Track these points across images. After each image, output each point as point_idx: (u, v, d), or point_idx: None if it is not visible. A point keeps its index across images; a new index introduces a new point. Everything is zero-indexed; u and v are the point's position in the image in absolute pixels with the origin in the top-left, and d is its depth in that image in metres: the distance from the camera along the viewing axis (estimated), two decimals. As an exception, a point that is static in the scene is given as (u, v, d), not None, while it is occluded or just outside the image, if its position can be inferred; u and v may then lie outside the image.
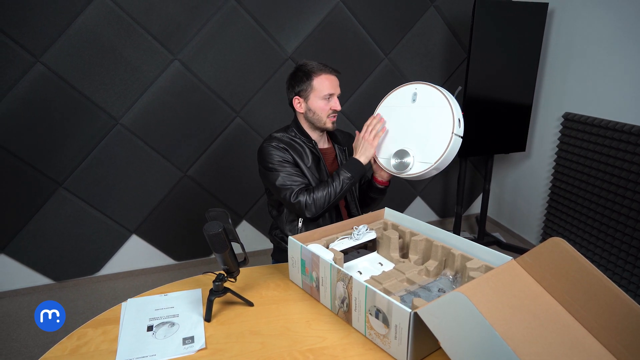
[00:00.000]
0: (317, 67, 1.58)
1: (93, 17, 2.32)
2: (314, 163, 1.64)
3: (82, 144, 2.51)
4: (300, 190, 1.54)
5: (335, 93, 1.60)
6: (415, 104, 1.47)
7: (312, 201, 1.51)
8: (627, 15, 2.35)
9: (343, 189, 1.54)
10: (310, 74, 1.58)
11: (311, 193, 1.52)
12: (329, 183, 1.53)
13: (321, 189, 1.52)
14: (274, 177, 1.56)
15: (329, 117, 1.62)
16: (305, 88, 1.59)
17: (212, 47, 2.58)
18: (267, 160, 1.58)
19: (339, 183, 1.53)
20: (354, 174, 1.55)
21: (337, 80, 1.62)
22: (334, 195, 1.53)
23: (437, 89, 1.43)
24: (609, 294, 0.91)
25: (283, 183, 1.55)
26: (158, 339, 1.09)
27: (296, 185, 1.54)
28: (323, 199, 1.52)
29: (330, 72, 1.59)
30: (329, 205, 1.54)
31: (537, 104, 3.06)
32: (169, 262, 2.98)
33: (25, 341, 2.27)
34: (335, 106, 1.60)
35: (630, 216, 2.33)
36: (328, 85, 1.58)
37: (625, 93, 2.39)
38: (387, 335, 1.00)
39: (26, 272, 2.64)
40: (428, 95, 1.45)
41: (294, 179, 1.55)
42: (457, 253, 1.24)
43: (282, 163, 1.57)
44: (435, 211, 3.67)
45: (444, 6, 3.01)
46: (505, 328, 0.87)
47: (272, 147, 1.58)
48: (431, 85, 1.45)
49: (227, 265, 1.17)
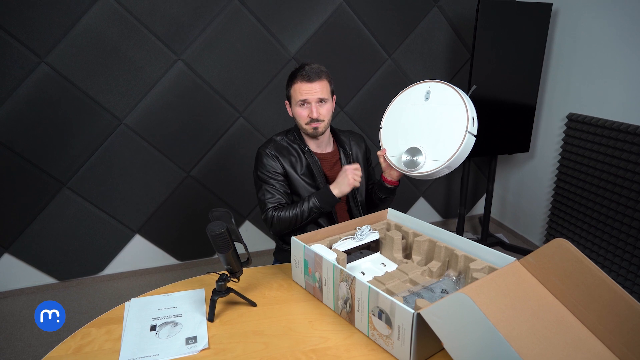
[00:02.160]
0: (298, 73, 1.55)
1: (97, 18, 2.33)
2: (307, 169, 1.64)
3: (86, 144, 2.52)
4: (272, 207, 1.56)
5: (310, 100, 1.54)
6: (428, 102, 1.43)
7: (278, 220, 1.54)
8: (631, 15, 2.34)
9: (310, 216, 1.55)
10: (290, 81, 1.58)
11: (279, 212, 1.55)
12: (298, 206, 1.54)
13: (289, 210, 1.54)
14: (257, 187, 1.63)
15: (308, 125, 1.58)
16: (288, 94, 1.61)
17: (216, 48, 2.59)
18: (258, 167, 1.62)
19: (306, 209, 1.54)
20: (324, 204, 1.54)
21: (314, 86, 1.53)
22: (300, 220, 1.55)
23: (451, 87, 1.40)
24: (613, 296, 0.90)
25: (262, 196, 1.59)
26: (161, 338, 1.09)
27: (270, 202, 1.57)
28: (288, 221, 1.54)
29: (306, 79, 1.52)
30: (294, 227, 1.56)
31: (541, 104, 3.05)
32: (172, 262, 2.98)
33: (29, 340, 2.28)
34: (311, 114, 1.55)
35: (635, 217, 2.32)
36: (300, 92, 1.54)
37: (630, 93, 2.38)
38: (390, 336, 1.00)
39: (30, 271, 2.65)
40: (442, 93, 1.41)
41: (272, 194, 1.58)
42: (460, 254, 1.24)
43: (270, 174, 1.60)
44: (439, 212, 3.66)
45: (448, 6, 3.00)
46: (508, 329, 0.87)
47: (265, 155, 1.61)
48: (445, 83, 1.41)
49: (230, 266, 1.17)
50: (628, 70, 2.38)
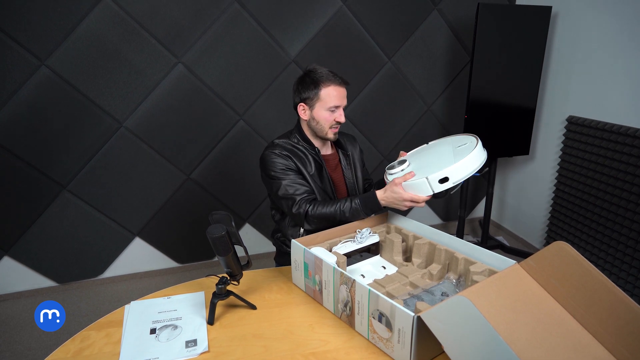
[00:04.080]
0: (327, 77, 1.53)
1: (98, 21, 2.33)
2: (316, 171, 1.62)
3: (86, 146, 2.52)
4: (304, 200, 1.50)
5: (342, 105, 1.57)
6: (456, 149, 1.40)
7: (315, 214, 1.47)
8: (630, 18, 2.35)
9: (348, 217, 1.47)
10: (318, 83, 1.54)
11: (317, 206, 1.48)
12: (338, 204, 1.47)
13: (327, 206, 1.47)
14: (276, 185, 1.54)
15: (331, 128, 1.59)
16: (312, 96, 1.56)
17: (216, 51, 2.59)
18: (270, 168, 1.55)
19: (348, 209, 1.46)
20: (366, 210, 1.46)
21: (345, 92, 1.58)
22: (337, 217, 1.47)
23: (473, 152, 1.30)
24: (614, 298, 0.90)
25: (285, 192, 1.52)
26: (161, 341, 1.09)
27: (299, 195, 1.51)
28: (326, 217, 1.47)
29: (339, 83, 1.55)
30: (329, 224, 1.48)
31: (541, 107, 3.05)
32: (172, 265, 2.98)
33: (28, 343, 2.27)
34: (340, 118, 1.57)
35: (635, 220, 2.31)
36: (335, 97, 1.54)
37: (630, 96, 2.39)
38: (390, 339, 1.00)
39: (30, 274, 2.65)
40: (466, 150, 1.34)
41: (297, 187, 1.52)
42: (460, 257, 1.24)
43: (285, 171, 1.55)
44: (439, 214, 3.66)
45: (447, 10, 3.01)
46: (508, 332, 0.87)
47: (275, 155, 1.56)
48: (476, 148, 1.32)
49: (230, 268, 1.17)
50: (628, 73, 2.39)
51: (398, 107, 3.15)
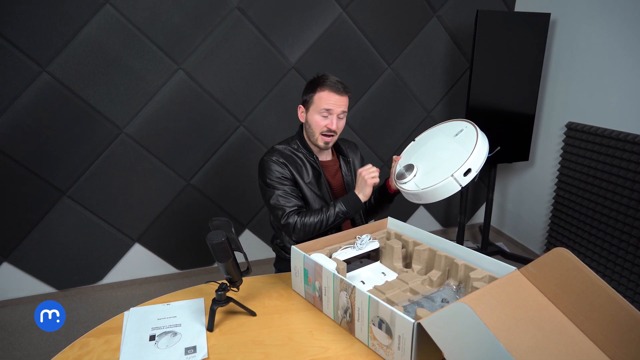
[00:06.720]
0: (327, 82, 1.54)
1: (98, 27, 2.34)
2: (314, 178, 1.62)
3: (86, 152, 2.52)
4: (293, 212, 1.52)
5: (335, 111, 1.55)
6: (455, 138, 1.42)
7: (302, 226, 1.49)
8: (629, 25, 2.36)
9: (335, 221, 1.51)
10: (315, 86, 1.56)
11: (303, 217, 1.50)
12: (323, 212, 1.51)
13: (314, 216, 1.50)
14: (269, 194, 1.56)
15: (322, 135, 1.58)
16: (308, 99, 1.58)
17: (216, 57, 2.60)
18: (266, 175, 1.57)
19: (332, 215, 1.50)
20: (350, 210, 1.52)
21: (342, 100, 1.56)
22: (325, 225, 1.51)
23: (478, 135, 1.35)
24: (614, 305, 0.90)
25: (277, 202, 1.54)
26: (160, 348, 1.09)
27: (289, 207, 1.53)
28: (313, 226, 1.50)
29: (336, 89, 1.54)
30: (317, 233, 1.50)
31: (540, 113, 3.06)
32: (172, 271, 2.97)
33: (27, 350, 2.26)
34: (330, 125, 1.56)
35: (635, 226, 2.31)
36: (327, 100, 1.54)
37: (629, 102, 2.39)
38: (390, 346, 1.00)
39: (29, 280, 2.64)
40: (468, 137, 1.38)
41: (289, 199, 1.54)
42: (460, 263, 1.24)
43: (281, 180, 1.56)
44: (439, 221, 3.66)
45: (447, 16, 3.03)
46: (509, 339, 0.87)
47: (272, 162, 1.57)
48: (478, 131, 1.37)
49: (230, 275, 1.17)
50: (627, 79, 2.39)
51: (398, 114, 3.16)
